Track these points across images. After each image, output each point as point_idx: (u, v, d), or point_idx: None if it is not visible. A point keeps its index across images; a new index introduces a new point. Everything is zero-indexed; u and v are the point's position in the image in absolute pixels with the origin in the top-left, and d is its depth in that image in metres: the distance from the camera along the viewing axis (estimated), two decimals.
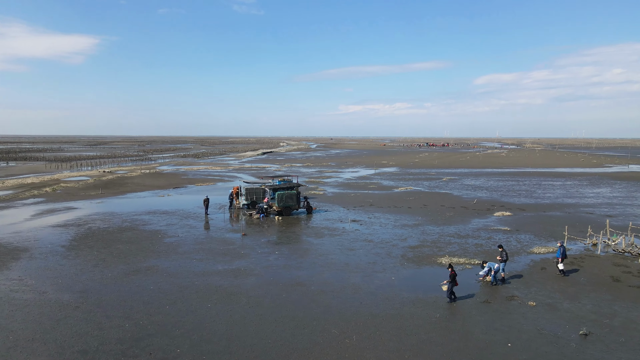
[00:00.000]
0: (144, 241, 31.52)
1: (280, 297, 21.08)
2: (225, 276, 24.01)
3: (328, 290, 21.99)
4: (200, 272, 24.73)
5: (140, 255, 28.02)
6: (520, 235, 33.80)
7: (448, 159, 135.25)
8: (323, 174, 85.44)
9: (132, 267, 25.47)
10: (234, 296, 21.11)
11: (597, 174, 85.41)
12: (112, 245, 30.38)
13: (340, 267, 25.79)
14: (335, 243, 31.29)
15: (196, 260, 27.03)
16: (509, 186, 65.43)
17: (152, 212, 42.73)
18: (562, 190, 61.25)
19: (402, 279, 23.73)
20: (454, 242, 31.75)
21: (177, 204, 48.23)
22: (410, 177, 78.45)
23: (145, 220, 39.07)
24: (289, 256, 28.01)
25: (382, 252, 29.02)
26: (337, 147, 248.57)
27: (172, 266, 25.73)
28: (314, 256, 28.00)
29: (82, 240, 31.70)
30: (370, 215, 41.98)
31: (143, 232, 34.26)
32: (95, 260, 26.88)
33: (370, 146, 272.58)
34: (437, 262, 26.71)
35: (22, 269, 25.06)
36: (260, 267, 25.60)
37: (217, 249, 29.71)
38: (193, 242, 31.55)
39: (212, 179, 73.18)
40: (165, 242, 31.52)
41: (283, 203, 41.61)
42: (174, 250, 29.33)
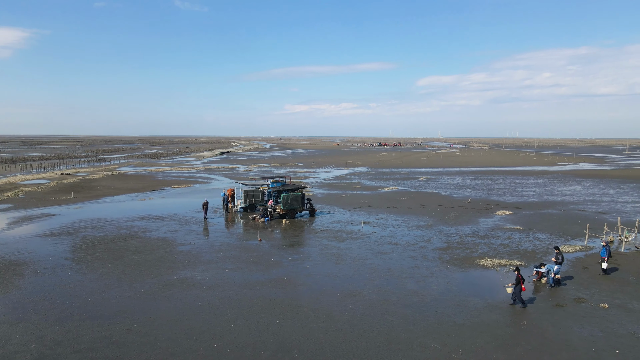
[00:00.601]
0: (157, 250, 28.91)
1: (347, 308, 19.65)
2: (272, 287, 22.24)
3: (390, 299, 20.80)
4: (242, 283, 22.78)
5: (162, 266, 25.55)
6: (537, 235, 34.09)
7: (410, 159, 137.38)
8: (297, 174, 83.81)
9: (162, 280, 23.08)
10: (298, 309, 19.45)
11: (559, 172, 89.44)
12: (123, 255, 27.60)
13: (385, 272, 24.65)
14: (363, 247, 30.12)
15: (229, 270, 24.96)
16: (487, 185, 66.85)
17: (144, 218, 39.65)
18: (539, 188, 63.28)
19: (457, 283, 22.95)
20: (479, 242, 31.47)
21: (165, 208, 45.17)
22: (387, 177, 78.53)
23: (143, 226, 36.10)
24: (324, 263, 26.52)
25: (417, 254, 28.18)
26: (292, 147, 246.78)
27: (207, 277, 23.57)
28: (350, 262, 26.69)
29: (85, 251, 28.62)
30: (376, 216, 41.11)
31: (150, 240, 31.50)
32: (115, 273, 24.18)
33: (324, 146, 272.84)
34: (478, 264, 26.19)
35: (34, 288, 22.04)
36: (302, 276, 23.97)
37: (242, 256, 27.70)
38: (211, 249, 29.31)
39: (187, 181, 69.73)
40: (180, 250, 29.08)
41: (288, 205, 39.89)
42: (196, 259, 27.03)
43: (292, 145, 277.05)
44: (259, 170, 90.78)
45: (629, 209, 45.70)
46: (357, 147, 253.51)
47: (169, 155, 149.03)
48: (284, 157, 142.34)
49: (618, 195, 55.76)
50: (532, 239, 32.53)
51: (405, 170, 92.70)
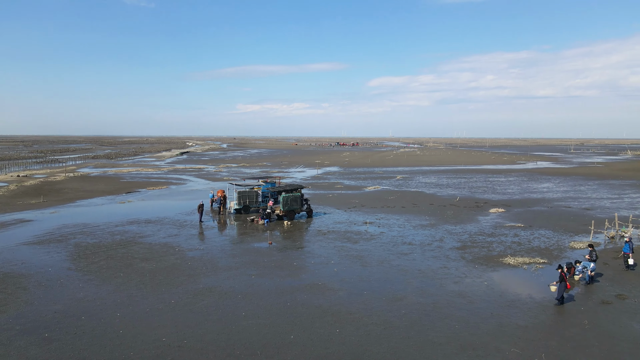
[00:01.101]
0: (166, 257, 26.97)
1: (400, 313, 18.86)
2: (310, 293, 21.10)
3: (439, 302, 20.20)
4: (276, 290, 21.49)
5: (180, 274, 23.77)
6: (541, 232, 34.66)
7: (375, 158, 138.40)
8: (271, 174, 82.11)
9: (188, 290, 21.41)
10: (351, 316, 18.46)
11: (524, 170, 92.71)
12: (131, 264, 25.52)
13: (416, 274, 24.07)
14: (379, 248, 29.44)
15: (255, 276, 23.55)
16: (464, 183, 68.06)
17: (134, 222, 37.18)
18: (515, 185, 65.07)
19: (495, 283, 22.68)
20: (491, 241, 31.56)
21: (150, 211, 42.65)
22: (364, 177, 78.44)
23: (137, 231, 33.77)
24: (350, 266, 25.60)
25: (438, 254, 27.81)
26: (250, 147, 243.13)
27: (235, 285, 22.09)
28: (375, 264, 25.92)
29: (86, 259, 26.28)
30: (376, 216, 40.58)
31: (153, 246, 29.41)
32: (133, 283, 22.22)
33: (282, 146, 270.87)
34: (504, 263, 26.13)
35: (47, 302, 19.84)
36: (335, 281, 22.94)
37: (260, 261, 26.30)
38: (224, 254, 27.70)
39: (160, 183, 66.59)
40: (191, 256, 27.28)
41: (288, 206, 38.62)
42: (214, 265, 25.40)
43: (249, 145, 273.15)
44: (229, 171, 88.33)
45: (608, 205, 47.60)
46: (316, 146, 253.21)
47: (126, 156, 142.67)
48: (249, 157, 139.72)
49: (590, 192, 58.15)
50: (538, 237, 33.00)
51: (378, 170, 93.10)
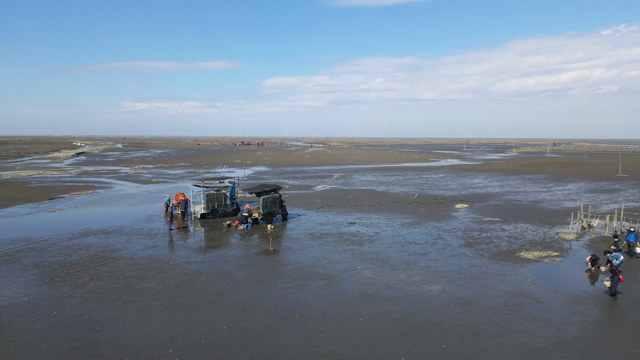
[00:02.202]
0: (166, 273, 22.85)
1: (482, 319, 17.52)
2: (370, 304, 18.95)
3: (509, 303, 19.24)
4: (330, 303, 18.99)
5: (203, 292, 20.14)
6: (521, 225, 35.74)
7: (292, 157, 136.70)
8: (200, 175, 76.66)
9: (230, 311, 18.06)
10: (440, 326, 16.70)
11: (444, 167, 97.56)
12: (130, 284, 21.14)
13: (456, 275, 22.98)
14: (392, 249, 27.96)
15: (291, 289, 20.70)
16: (403, 180, 69.30)
17: (88, 234, 31.56)
18: (450, 182, 67.69)
19: (537, 279, 22.40)
20: (488, 236, 31.68)
21: (96, 220, 36.75)
22: (300, 176, 76.46)
23: (102, 244, 28.58)
24: (380, 270, 23.74)
25: (454, 253, 27.08)
26: (150, 147, 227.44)
27: (279, 301, 19.14)
28: (404, 267, 24.37)
29: (65, 282, 21.31)
30: (354, 216, 39.05)
31: (139, 261, 24.87)
32: (152, 310, 18.24)
33: (185, 145, 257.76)
34: (525, 258, 26.14)
35: (63, 342, 15.31)
36: (384, 287, 20.98)
37: (282, 271, 23.37)
38: (232, 266, 24.25)
39: (81, 187, 58.43)
40: (195, 270, 23.46)
41: (268, 209, 35.52)
42: (233, 279, 21.99)
43: (148, 145, 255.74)
44: (151, 172, 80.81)
45: (548, 197, 51.13)
46: (221, 146, 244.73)
47: (9, 158, 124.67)
48: (159, 158, 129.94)
49: (521, 186, 62.35)
50: (524, 230, 33.90)
51: (308, 169, 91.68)
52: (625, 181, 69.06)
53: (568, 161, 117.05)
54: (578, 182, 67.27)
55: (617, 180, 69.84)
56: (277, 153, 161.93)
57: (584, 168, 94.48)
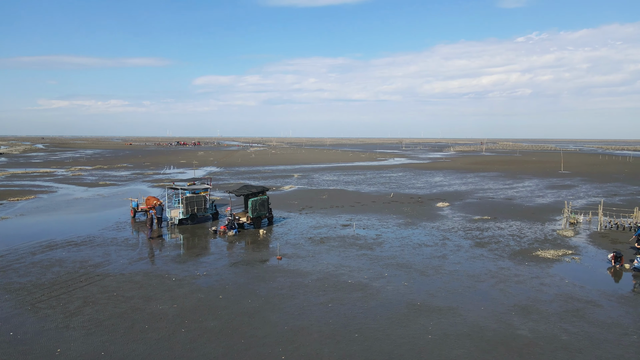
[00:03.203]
0: (173, 291, 19.56)
1: (557, 326, 16.16)
2: (430, 317, 17.03)
3: (569, 309, 18.09)
4: (384, 319, 16.85)
5: (231, 312, 17.25)
6: (513, 222, 35.49)
7: (238, 157, 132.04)
8: (150, 176, 71.13)
9: (273, 335, 15.43)
10: (516, 342, 15.08)
11: (397, 166, 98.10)
12: (137, 307, 17.74)
13: (490, 279, 21.68)
14: (407, 253, 26.26)
15: (330, 303, 18.26)
16: (367, 179, 68.25)
17: (51, 247, 27.09)
18: (414, 180, 67.58)
19: (571, 279, 21.60)
20: (492, 235, 30.95)
21: (54, 229, 31.99)
22: (259, 176, 73.15)
23: (77, 259, 24.44)
24: (410, 277, 21.91)
25: (473, 255, 25.90)
26: (77, 147, 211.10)
27: (327, 319, 16.70)
28: (432, 273, 22.73)
29: (54, 309, 17.54)
30: (344, 217, 37.03)
31: (133, 278, 21.25)
32: (183, 339, 15.13)
33: (116, 146, 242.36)
34: (544, 257, 25.45)
35: None
36: (429, 296, 19.16)
37: (305, 283, 20.85)
38: (244, 279, 21.37)
39: (18, 192, 51.62)
40: (206, 285, 20.37)
41: (257, 212, 32.57)
42: (256, 295, 19.19)
43: (74, 145, 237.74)
44: (93, 174, 73.79)
45: (516, 194, 52.06)
46: (155, 146, 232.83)
47: None
48: (93, 159, 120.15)
49: (484, 184, 63.41)
50: (520, 228, 33.58)
51: (262, 169, 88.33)
52: (571, 177, 72.58)
53: (507, 159, 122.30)
54: (532, 179, 69.66)
55: (565, 177, 73.24)
56: (220, 153, 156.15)
57: (526, 166, 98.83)
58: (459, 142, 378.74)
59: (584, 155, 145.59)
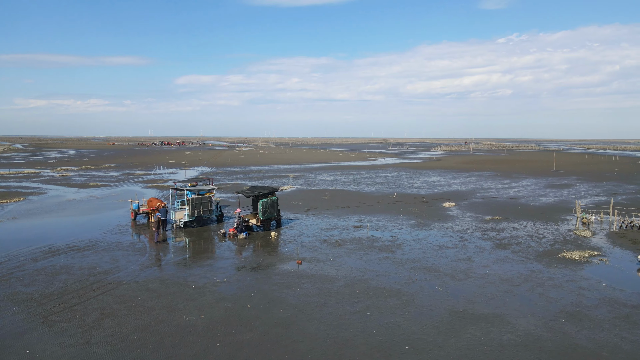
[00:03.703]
0: (196, 300, 18.23)
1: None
2: (478, 325, 16.00)
3: (631, 315, 17.27)
4: (434, 326, 15.78)
5: (265, 326, 16.02)
6: (525, 223, 34.85)
7: (227, 157, 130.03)
8: (141, 177, 69.01)
9: (317, 349, 14.30)
10: (586, 356, 14.16)
11: (391, 166, 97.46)
12: (162, 319, 16.38)
13: (526, 284, 20.82)
14: (429, 256, 25.30)
15: (369, 311, 17.17)
16: (366, 179, 67.33)
17: (53, 252, 25.43)
18: (412, 180, 66.88)
19: (609, 282, 20.84)
20: (511, 236, 30.22)
21: (48, 233, 30.32)
22: (253, 176, 71.61)
23: (81, 266, 22.89)
24: (440, 281, 20.94)
25: (498, 257, 25.04)
26: (59, 147, 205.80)
27: (376, 333, 15.57)
28: (463, 277, 21.79)
29: (70, 322, 16.06)
30: (353, 218, 35.95)
31: (148, 286, 19.84)
32: (221, 352, 13.88)
33: (98, 145, 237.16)
34: (572, 259, 24.74)
35: None
36: (463, 302, 18.17)
37: (335, 289, 19.70)
38: (268, 286, 20.12)
39: (4, 194, 49.29)
40: (230, 293, 19.09)
41: (267, 214, 31.29)
42: (287, 304, 17.98)
43: (54, 145, 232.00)
44: (81, 175, 71.36)
45: (518, 194, 51.67)
46: (139, 146, 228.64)
47: None
48: (78, 159, 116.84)
49: (482, 183, 63.02)
50: (539, 228, 32.93)
51: (254, 169, 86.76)
52: (566, 176, 72.78)
53: (497, 159, 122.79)
54: (528, 179, 69.60)
55: (560, 176, 73.42)
56: (208, 153, 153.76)
57: (518, 165, 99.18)
58: (443, 142, 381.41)
59: (570, 155, 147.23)
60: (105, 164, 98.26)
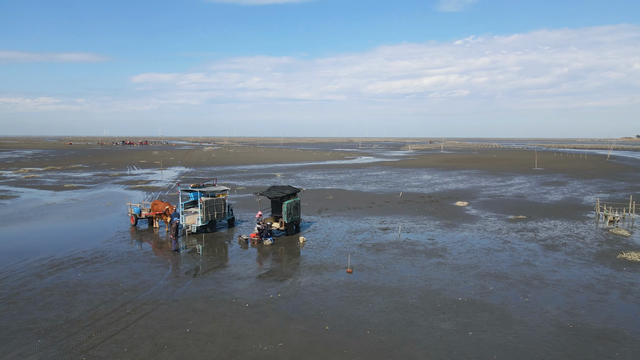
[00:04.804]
0: (263, 322, 15.40)
1: None
2: (605, 345, 13.97)
3: None
4: (552, 346, 13.62)
5: (362, 354, 13.36)
6: (553, 222, 33.57)
7: (200, 156, 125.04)
8: (118, 178, 64.15)
9: None
10: None
11: (375, 164, 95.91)
12: (239, 350, 13.54)
13: (614, 292, 19.07)
14: (484, 260, 23.29)
15: (471, 330, 14.82)
16: (358, 179, 65.19)
17: (56, 266, 21.78)
18: (405, 179, 65.27)
19: None
20: (549, 236, 28.70)
21: (40, 243, 26.45)
22: (238, 176, 68.08)
23: (98, 282, 19.52)
24: (518, 290, 18.90)
25: (560, 260, 23.29)
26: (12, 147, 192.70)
27: (488, 357, 13.20)
28: (539, 285, 19.86)
29: (127, 356, 12.84)
30: (374, 220, 33.60)
31: (192, 305, 16.77)
32: None
33: (54, 146, 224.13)
34: (631, 261, 23.30)
35: None
36: (564, 315, 16.15)
37: (411, 303, 17.28)
38: (346, 303, 17.45)
39: None
40: (295, 313, 16.29)
41: (292, 217, 28.46)
42: (370, 325, 15.41)
43: (7, 145, 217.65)
44: (49, 176, 65.68)
45: (521, 192, 50.87)
46: (100, 146, 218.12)
47: None
48: (40, 159, 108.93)
49: (475, 182, 62.15)
50: (571, 227, 31.65)
51: (236, 168, 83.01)
52: (552, 174, 73.22)
53: (472, 157, 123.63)
54: (517, 176, 69.43)
55: (545, 174, 73.78)
56: (177, 152, 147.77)
57: (497, 163, 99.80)
58: (408, 141, 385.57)
59: (539, 153, 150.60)
60: (71, 164, 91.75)
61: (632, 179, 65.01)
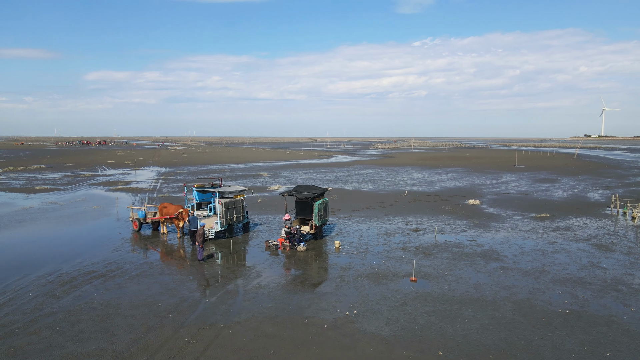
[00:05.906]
0: (354, 351, 12.84)
1: None
2: None
3: None
4: None
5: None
6: (578, 219, 32.46)
7: (171, 155, 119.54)
8: (91, 179, 59.20)
9: None
10: None
11: (358, 163, 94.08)
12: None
13: None
14: (545, 263, 21.50)
15: (598, 348, 12.76)
16: (348, 177, 62.99)
17: (70, 282, 18.42)
18: (397, 177, 63.62)
19: None
20: (591, 235, 27.38)
21: (35, 254, 22.77)
22: (225, 176, 64.29)
23: (129, 300, 16.37)
24: (610, 298, 17.13)
25: (622, 260, 21.80)
26: None
27: None
28: (624, 288, 18.18)
29: None
30: (397, 220, 31.42)
31: (262, 328, 14.01)
32: None
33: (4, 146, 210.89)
34: None
35: None
36: None
37: (507, 316, 15.13)
38: (435, 320, 15.08)
39: None
40: (389, 335, 13.75)
41: (322, 219, 25.82)
42: (477, 346, 13.04)
43: None
44: (11, 177, 59.86)
45: (521, 189, 50.13)
46: (55, 146, 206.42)
47: None
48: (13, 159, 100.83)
49: (471, 180, 61.25)
50: (599, 226, 30.53)
51: (216, 168, 79.04)
52: (536, 171, 73.58)
53: (447, 155, 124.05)
54: (506, 174, 69.19)
55: (530, 171, 74.05)
56: (144, 152, 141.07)
57: (477, 161, 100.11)
58: (370, 141, 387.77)
59: (508, 152, 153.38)
60: (31, 165, 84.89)
61: (616, 176, 65.96)
